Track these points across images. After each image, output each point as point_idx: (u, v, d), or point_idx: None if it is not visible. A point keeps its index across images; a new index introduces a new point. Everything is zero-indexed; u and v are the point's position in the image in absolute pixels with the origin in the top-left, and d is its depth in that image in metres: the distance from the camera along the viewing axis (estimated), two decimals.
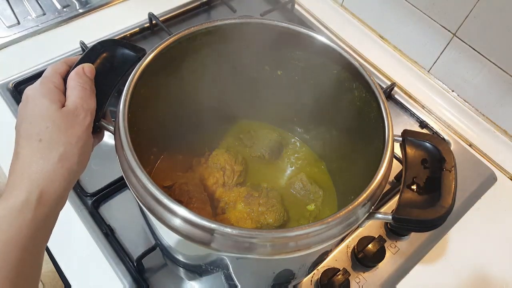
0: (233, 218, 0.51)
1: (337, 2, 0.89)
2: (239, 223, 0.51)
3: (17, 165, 0.35)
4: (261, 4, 0.88)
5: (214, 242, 0.32)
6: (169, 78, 0.47)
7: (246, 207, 0.52)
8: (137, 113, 0.40)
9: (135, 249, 0.54)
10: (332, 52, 0.46)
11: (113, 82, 0.40)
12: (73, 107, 0.36)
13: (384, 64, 0.80)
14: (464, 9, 0.66)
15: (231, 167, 0.55)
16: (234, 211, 0.52)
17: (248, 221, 0.51)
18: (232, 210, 0.52)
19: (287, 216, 0.53)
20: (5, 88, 0.68)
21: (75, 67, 0.39)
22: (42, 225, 0.33)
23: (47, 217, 0.34)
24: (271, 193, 0.53)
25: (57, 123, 0.35)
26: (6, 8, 0.79)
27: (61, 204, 0.36)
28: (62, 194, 0.35)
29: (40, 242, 0.34)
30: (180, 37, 0.44)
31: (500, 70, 0.66)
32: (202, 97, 0.54)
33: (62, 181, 0.35)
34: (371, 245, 0.54)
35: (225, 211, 0.52)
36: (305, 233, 0.32)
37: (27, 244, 0.32)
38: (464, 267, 0.58)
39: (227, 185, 0.54)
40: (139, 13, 0.79)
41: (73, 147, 0.35)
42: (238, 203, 0.52)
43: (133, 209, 0.57)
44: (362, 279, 0.54)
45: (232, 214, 0.52)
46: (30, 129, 0.35)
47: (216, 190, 0.54)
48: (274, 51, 0.50)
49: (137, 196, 0.34)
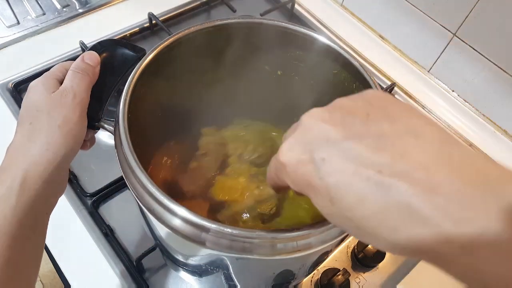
0: (228, 183, 0.51)
1: (337, 2, 0.89)
2: (229, 191, 0.50)
3: (8, 149, 0.35)
4: (261, 4, 0.88)
5: (214, 242, 0.32)
6: (169, 78, 0.47)
7: (245, 182, 0.51)
8: (137, 113, 0.40)
9: (135, 249, 0.54)
10: (332, 52, 0.46)
11: (113, 82, 0.40)
12: (62, 89, 0.36)
13: (384, 64, 0.80)
14: (464, 9, 0.66)
15: (255, 146, 0.55)
16: (231, 179, 0.52)
17: (237, 194, 0.50)
18: (231, 178, 0.52)
19: (276, 212, 0.52)
20: (4, 88, 0.68)
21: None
22: (29, 211, 0.33)
23: (33, 202, 0.33)
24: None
25: (46, 106, 0.35)
26: (5, 8, 0.79)
27: (50, 190, 0.35)
28: (49, 179, 0.34)
29: (30, 229, 0.34)
30: (180, 37, 0.44)
31: (500, 70, 0.66)
32: (202, 97, 0.54)
33: (48, 165, 0.34)
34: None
35: (226, 174, 0.52)
36: (305, 233, 0.32)
37: (14, 231, 0.32)
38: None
39: (242, 157, 0.54)
40: (139, 13, 0.79)
41: (60, 129, 0.35)
42: (241, 176, 0.52)
43: (133, 209, 0.57)
44: (362, 279, 0.54)
45: (229, 180, 0.51)
46: (24, 115, 0.36)
47: (232, 155, 0.54)
48: (274, 51, 0.50)
49: (137, 196, 0.34)
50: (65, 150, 0.35)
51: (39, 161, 0.34)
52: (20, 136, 0.35)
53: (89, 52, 0.40)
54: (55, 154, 0.34)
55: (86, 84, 0.38)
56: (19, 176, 0.33)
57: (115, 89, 0.40)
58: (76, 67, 0.38)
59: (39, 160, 0.34)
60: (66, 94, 0.36)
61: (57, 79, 0.38)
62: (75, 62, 0.38)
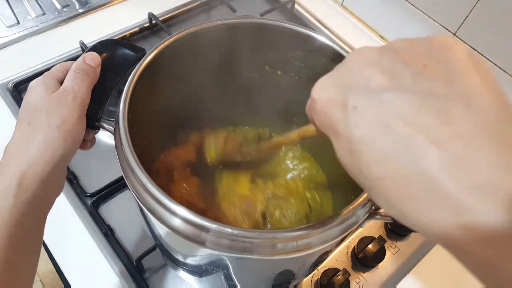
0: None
1: (337, 2, 0.89)
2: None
3: (6, 149, 0.35)
4: (261, 4, 0.88)
5: (214, 242, 0.32)
6: (169, 78, 0.47)
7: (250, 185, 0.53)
8: (137, 113, 0.40)
9: (135, 249, 0.54)
10: (332, 52, 0.46)
11: (113, 82, 0.40)
12: (62, 89, 0.36)
13: None
14: (464, 9, 0.66)
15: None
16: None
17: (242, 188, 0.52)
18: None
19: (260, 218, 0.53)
20: (4, 88, 0.68)
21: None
22: (27, 210, 0.33)
23: (31, 202, 0.33)
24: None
25: (46, 106, 0.35)
26: (6, 8, 0.79)
27: (47, 190, 0.35)
28: (47, 179, 0.34)
29: (28, 229, 0.34)
30: (180, 37, 0.44)
31: (500, 70, 0.66)
32: (202, 97, 0.54)
33: (46, 165, 0.34)
34: (371, 245, 0.54)
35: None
36: (305, 233, 0.32)
37: (12, 230, 0.32)
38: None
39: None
40: (139, 13, 0.79)
41: (59, 130, 0.35)
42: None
43: (133, 209, 0.57)
44: (362, 279, 0.54)
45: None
46: (23, 114, 0.36)
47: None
48: (274, 51, 0.50)
49: (137, 196, 0.34)
50: (63, 151, 0.35)
51: (37, 161, 0.34)
52: (19, 135, 0.35)
53: (90, 53, 0.40)
54: (53, 154, 0.34)
55: (87, 85, 0.38)
56: (16, 176, 0.33)
57: (115, 89, 0.40)
58: (77, 68, 0.38)
59: (37, 160, 0.34)
60: (66, 94, 0.36)
61: (57, 79, 0.38)
62: (76, 62, 0.38)
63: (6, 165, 0.34)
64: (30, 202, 0.33)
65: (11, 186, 0.32)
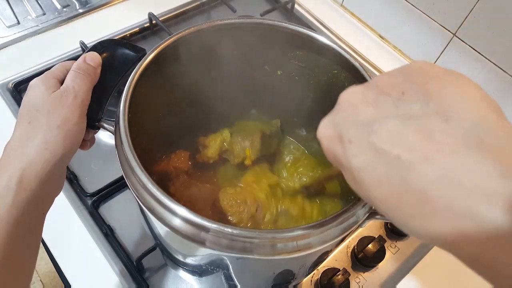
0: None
1: (337, 2, 0.89)
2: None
3: (6, 148, 0.35)
4: (261, 4, 0.88)
5: (214, 242, 0.32)
6: (169, 78, 0.47)
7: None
8: (137, 113, 0.40)
9: (135, 249, 0.54)
10: (332, 52, 0.46)
11: (113, 82, 0.40)
12: (63, 89, 0.36)
13: (384, 64, 0.80)
14: (464, 9, 0.66)
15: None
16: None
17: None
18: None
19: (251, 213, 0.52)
20: (5, 88, 0.68)
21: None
22: (26, 210, 0.33)
23: (30, 202, 0.33)
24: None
25: (46, 106, 0.35)
26: (6, 8, 0.79)
27: (47, 189, 0.35)
28: (46, 179, 0.34)
29: (27, 227, 0.34)
30: (180, 37, 0.44)
31: (500, 70, 0.66)
32: (202, 97, 0.54)
33: (45, 164, 0.34)
34: (371, 245, 0.54)
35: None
36: (305, 233, 0.32)
37: (10, 229, 0.32)
38: (466, 267, 0.58)
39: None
40: (139, 13, 0.79)
41: (59, 129, 0.35)
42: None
43: (133, 209, 0.57)
44: (362, 279, 0.54)
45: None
46: (23, 113, 0.36)
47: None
48: (274, 51, 0.50)
49: (137, 196, 0.34)
50: (63, 150, 0.35)
51: (37, 161, 0.34)
52: (19, 134, 0.35)
53: (91, 53, 0.40)
54: (53, 154, 0.34)
55: (87, 85, 0.38)
56: (16, 175, 0.33)
57: (115, 89, 0.40)
58: (78, 68, 0.38)
59: (36, 160, 0.34)
60: (66, 94, 0.36)
61: (57, 78, 0.38)
62: (76, 62, 0.38)
63: (6, 164, 0.34)
64: (29, 201, 0.33)
65: (11, 185, 0.32)
